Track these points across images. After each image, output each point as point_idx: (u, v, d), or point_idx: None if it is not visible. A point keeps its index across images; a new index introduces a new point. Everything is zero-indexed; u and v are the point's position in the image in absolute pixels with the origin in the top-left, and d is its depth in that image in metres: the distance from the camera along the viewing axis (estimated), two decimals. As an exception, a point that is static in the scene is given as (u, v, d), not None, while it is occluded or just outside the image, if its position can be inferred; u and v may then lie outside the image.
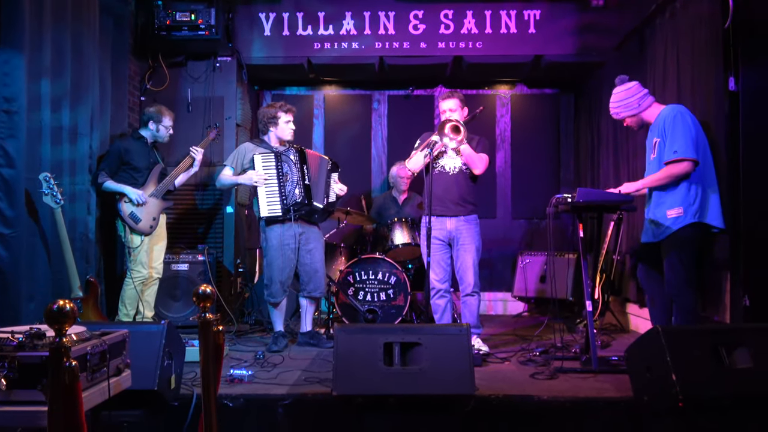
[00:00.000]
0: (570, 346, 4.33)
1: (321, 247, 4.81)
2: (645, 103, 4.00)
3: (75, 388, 1.71)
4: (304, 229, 4.70)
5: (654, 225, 3.90)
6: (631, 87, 4.03)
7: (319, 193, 4.72)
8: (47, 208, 4.00)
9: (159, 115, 4.89)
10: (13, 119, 3.79)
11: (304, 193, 4.62)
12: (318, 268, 4.75)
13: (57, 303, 1.69)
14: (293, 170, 4.65)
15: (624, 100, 4.03)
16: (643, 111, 4.00)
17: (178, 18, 5.53)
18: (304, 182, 4.64)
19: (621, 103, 4.04)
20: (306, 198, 4.62)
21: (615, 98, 4.08)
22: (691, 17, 4.39)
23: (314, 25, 6.08)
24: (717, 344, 2.95)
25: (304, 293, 4.78)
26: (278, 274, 4.61)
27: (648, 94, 4.03)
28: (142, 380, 2.79)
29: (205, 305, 2.26)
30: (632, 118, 4.05)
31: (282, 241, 4.60)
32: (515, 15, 6.03)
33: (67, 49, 4.34)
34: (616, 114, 4.10)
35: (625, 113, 4.04)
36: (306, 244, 4.70)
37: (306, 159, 4.73)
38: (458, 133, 4.20)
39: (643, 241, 3.99)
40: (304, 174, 4.67)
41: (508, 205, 7.10)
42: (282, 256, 4.60)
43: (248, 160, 4.69)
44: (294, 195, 4.61)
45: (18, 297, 3.79)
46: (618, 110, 4.07)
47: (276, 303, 4.68)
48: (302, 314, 4.86)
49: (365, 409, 3.10)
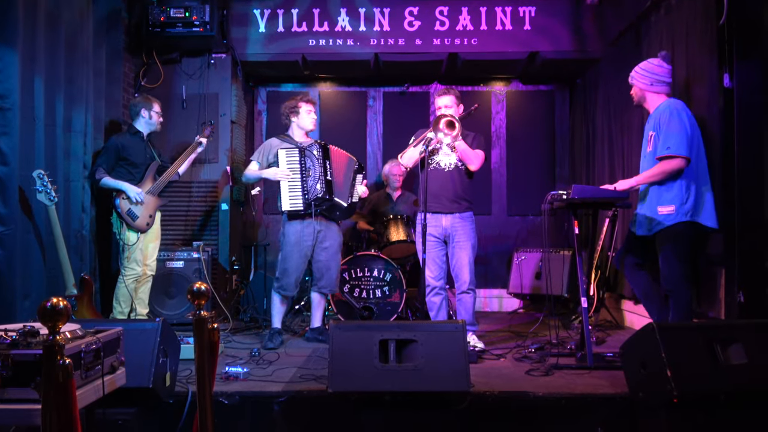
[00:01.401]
0: (565, 343, 4.34)
1: (337, 246, 4.86)
2: (656, 87, 4.00)
3: (69, 386, 1.70)
4: (322, 227, 4.75)
5: (647, 220, 3.92)
6: (662, 66, 4.02)
7: (343, 191, 4.77)
8: (41, 205, 3.98)
9: (148, 102, 4.90)
10: (7, 116, 3.78)
11: (326, 188, 4.63)
12: (331, 266, 4.81)
13: (50, 301, 1.68)
14: (316, 165, 4.67)
15: (648, 71, 4.02)
16: (650, 92, 4.01)
17: (172, 14, 5.50)
18: (325, 177, 4.65)
19: (642, 72, 4.05)
20: (327, 193, 4.63)
21: (643, 65, 4.07)
22: (686, 13, 4.40)
23: (309, 22, 6.06)
24: (712, 340, 2.96)
25: (315, 288, 4.87)
26: (293, 269, 4.68)
27: (666, 84, 4.01)
28: (137, 378, 2.78)
29: (200, 303, 2.26)
30: (638, 90, 4.07)
31: (300, 237, 4.67)
32: (510, 11, 6.03)
33: (61, 45, 4.33)
34: (632, 78, 4.11)
35: (638, 82, 4.06)
36: (322, 241, 4.76)
37: (329, 155, 4.75)
38: (453, 128, 4.19)
39: (638, 234, 3.99)
40: (327, 169, 4.68)
41: (504, 201, 7.10)
42: (298, 251, 4.68)
43: (273, 154, 4.75)
44: (315, 190, 4.63)
45: (12, 295, 3.78)
46: (636, 75, 4.08)
47: (287, 296, 4.76)
48: (312, 310, 4.95)
49: (361, 406, 3.10)
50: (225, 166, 5.95)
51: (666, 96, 4.01)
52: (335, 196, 4.69)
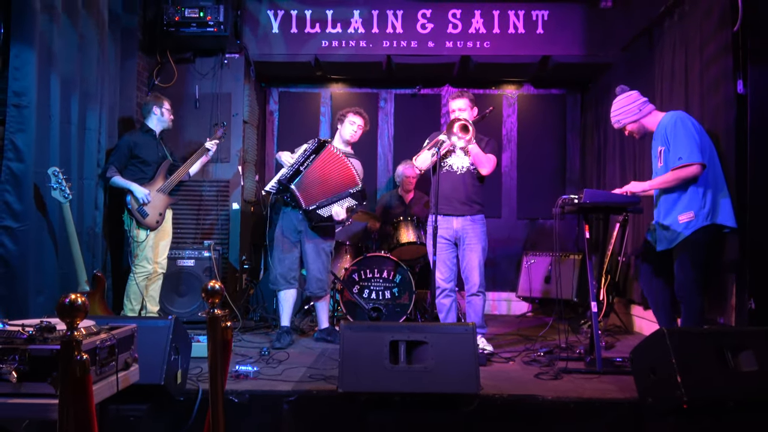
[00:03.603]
0: (574, 347, 4.33)
1: (318, 249, 4.77)
2: (645, 110, 4.01)
3: (86, 381, 1.72)
4: (303, 227, 4.75)
5: (667, 231, 3.87)
6: (631, 94, 4.06)
7: (313, 192, 4.63)
8: (55, 202, 4.02)
9: (158, 100, 4.97)
10: (23, 113, 3.82)
11: (290, 175, 4.60)
12: (311, 269, 4.77)
13: (69, 296, 1.70)
14: (302, 156, 4.67)
15: (625, 107, 4.05)
16: (644, 117, 4.01)
17: (186, 15, 5.54)
18: (298, 167, 4.61)
19: (622, 110, 4.06)
20: (288, 180, 4.59)
21: (616, 106, 4.10)
22: (700, 19, 4.38)
23: (322, 23, 6.09)
24: (722, 347, 2.95)
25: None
26: (277, 263, 4.76)
27: (648, 102, 4.04)
28: (149, 375, 2.80)
29: (213, 301, 2.27)
30: (633, 125, 4.05)
31: (282, 231, 4.76)
32: (523, 15, 6.04)
33: (76, 44, 4.37)
34: (617, 122, 4.10)
35: (626, 120, 4.05)
36: (305, 243, 4.78)
37: (319, 151, 4.67)
38: (467, 132, 4.20)
39: (658, 250, 3.95)
40: (306, 162, 4.63)
41: (513, 205, 7.09)
42: (281, 246, 4.76)
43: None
44: (284, 174, 4.63)
45: (26, 290, 3.81)
46: (619, 117, 4.08)
47: (276, 289, 4.81)
48: (316, 312, 4.97)
49: (370, 406, 3.11)
50: (237, 166, 5.98)
51: (658, 111, 4.01)
52: (293, 186, 4.58)
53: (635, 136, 4.14)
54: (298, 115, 7.07)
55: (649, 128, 4.03)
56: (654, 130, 3.99)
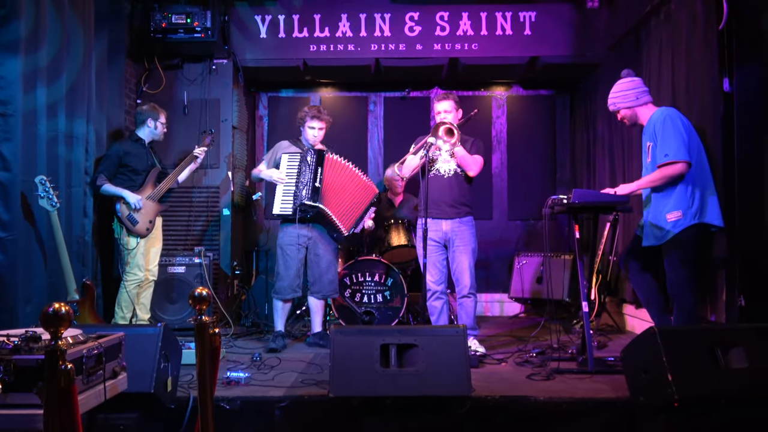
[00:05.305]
0: (566, 347, 4.34)
1: (331, 252, 4.85)
2: (642, 99, 4.01)
3: (71, 391, 1.71)
4: (314, 234, 4.76)
5: (656, 228, 3.87)
6: (635, 80, 4.05)
7: (338, 207, 4.71)
8: (43, 211, 3.99)
9: (155, 112, 4.94)
10: (9, 122, 3.79)
11: (311, 194, 4.60)
12: (324, 272, 4.81)
13: (53, 306, 1.69)
14: (307, 171, 4.66)
15: (624, 91, 4.03)
16: (639, 106, 4.01)
17: (173, 21, 5.52)
18: (314, 184, 4.62)
19: (620, 94, 4.05)
20: (312, 200, 4.59)
21: (616, 89, 4.08)
22: (686, 19, 4.40)
23: (310, 27, 6.08)
24: (713, 344, 2.96)
25: (310, 293, 4.89)
26: (285, 273, 4.73)
27: (648, 93, 4.04)
28: (139, 383, 2.78)
29: (201, 308, 2.27)
30: (627, 111, 4.05)
31: (291, 242, 4.72)
32: (511, 17, 6.04)
33: (63, 51, 4.34)
34: (613, 105, 4.10)
35: (622, 104, 4.05)
36: (315, 248, 4.78)
37: (322, 162, 4.69)
38: (452, 135, 4.20)
39: (644, 245, 3.96)
40: (317, 176, 4.65)
41: (504, 206, 7.10)
42: (290, 256, 4.73)
43: (279, 157, 4.82)
44: (301, 195, 4.62)
45: (14, 300, 3.78)
46: (616, 100, 4.08)
47: (282, 299, 4.77)
48: (312, 315, 4.96)
49: (362, 410, 3.10)
50: (226, 172, 5.96)
51: (653, 105, 4.02)
52: (320, 203, 4.60)
53: (626, 122, 4.13)
54: (288, 120, 7.05)
55: (641, 119, 4.03)
56: (645, 123, 4.00)
